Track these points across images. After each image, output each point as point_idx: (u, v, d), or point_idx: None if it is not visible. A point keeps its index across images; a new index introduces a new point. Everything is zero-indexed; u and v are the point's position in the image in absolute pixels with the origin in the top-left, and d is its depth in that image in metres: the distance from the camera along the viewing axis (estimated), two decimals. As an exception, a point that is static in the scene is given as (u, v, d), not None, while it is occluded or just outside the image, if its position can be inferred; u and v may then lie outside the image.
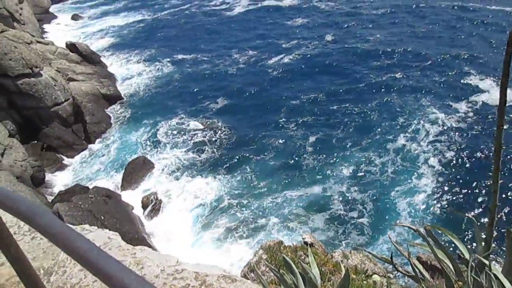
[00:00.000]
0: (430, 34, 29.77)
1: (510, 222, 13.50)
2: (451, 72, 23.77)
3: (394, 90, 22.53)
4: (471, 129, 18.90)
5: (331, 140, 19.07)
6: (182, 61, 29.30)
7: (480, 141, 18.09)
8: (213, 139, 19.85)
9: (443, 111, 20.31)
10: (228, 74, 26.49)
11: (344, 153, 18.13)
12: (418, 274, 3.45)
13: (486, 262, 2.85)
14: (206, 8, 42.24)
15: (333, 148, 18.48)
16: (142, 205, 16.30)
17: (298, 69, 26.13)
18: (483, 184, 15.69)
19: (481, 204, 14.91)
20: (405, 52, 26.83)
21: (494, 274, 2.82)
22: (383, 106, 21.23)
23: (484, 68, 23.82)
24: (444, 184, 16.00)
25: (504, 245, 3.09)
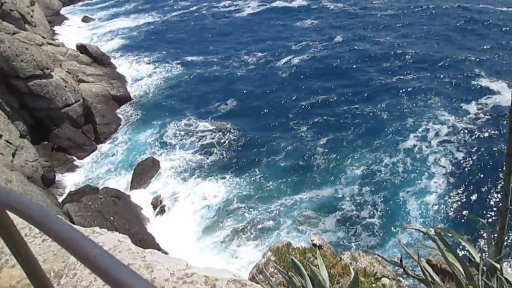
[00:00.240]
0: (440, 35, 29.54)
1: (521, 225, 13.31)
2: (461, 74, 23.55)
3: (404, 91, 22.38)
4: (482, 130, 18.70)
5: (341, 141, 19.00)
6: (192, 62, 29.37)
7: (491, 143, 17.89)
8: (222, 141, 19.86)
9: (454, 112, 20.14)
10: (237, 75, 26.51)
11: (354, 154, 18.05)
12: (428, 277, 3.41)
13: (498, 265, 2.81)
14: (215, 10, 42.34)
15: (343, 149, 18.40)
16: (151, 206, 16.36)
17: (307, 70, 26.07)
18: (495, 186, 15.52)
19: (492, 207, 14.74)
20: (414, 53, 26.65)
21: (506, 278, 2.78)
22: (393, 107, 21.10)
23: (494, 70, 23.58)
24: (455, 186, 15.85)
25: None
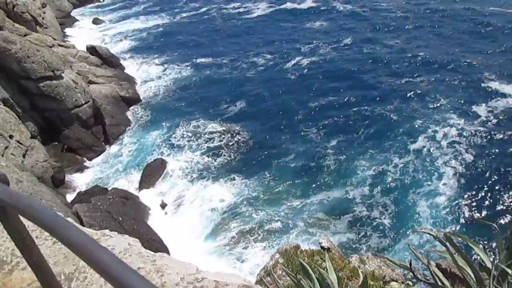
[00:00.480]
0: (449, 37, 29.35)
1: (533, 230, 13.14)
2: (471, 76, 23.38)
3: (413, 93, 22.26)
4: (492, 133, 18.54)
5: (351, 142, 18.96)
6: (201, 64, 29.45)
7: (502, 146, 17.71)
8: (231, 143, 19.87)
9: (463, 114, 20.00)
10: (246, 77, 26.52)
11: (364, 155, 18.01)
12: (438, 281, 3.37)
13: (509, 270, 2.77)
14: (224, 11, 42.42)
15: (353, 151, 18.37)
16: (159, 207, 16.41)
17: (316, 72, 26.02)
18: (506, 190, 15.35)
19: (503, 210, 14.58)
20: (424, 56, 26.50)
21: (517, 284, 2.74)
22: (403, 109, 20.99)
23: (504, 73, 23.39)
24: (465, 188, 15.72)
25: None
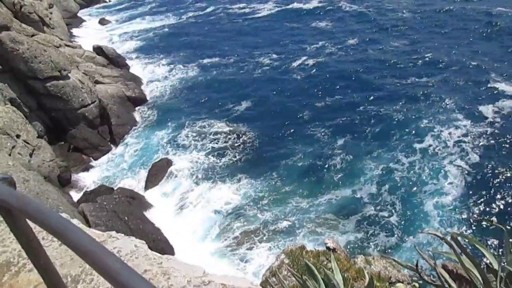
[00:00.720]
0: (456, 39, 29.15)
1: (541, 232, 13.05)
2: (477, 77, 23.23)
3: (420, 93, 22.15)
4: (498, 134, 18.41)
5: (358, 142, 18.91)
6: (207, 64, 29.48)
7: (508, 146, 17.58)
8: (237, 143, 19.87)
9: (470, 115, 19.89)
10: (252, 77, 26.50)
11: (371, 155, 17.98)
12: (444, 283, 3.34)
13: (517, 272, 2.74)
14: (230, 11, 42.46)
15: (360, 151, 18.32)
16: (165, 207, 16.43)
17: (322, 72, 25.96)
18: (512, 191, 15.24)
19: (510, 212, 14.46)
20: (430, 56, 26.37)
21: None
22: (409, 109, 20.91)
23: (511, 74, 23.19)
24: (472, 189, 15.62)
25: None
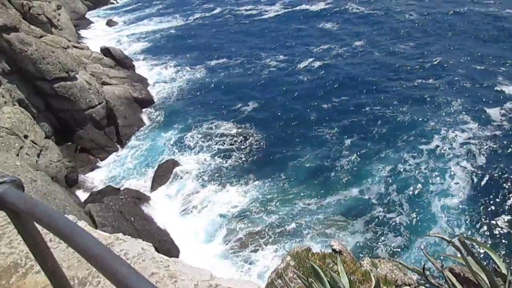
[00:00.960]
0: (463, 42, 28.91)
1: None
2: (484, 80, 23.07)
3: (426, 96, 22.05)
4: (505, 137, 18.30)
5: (365, 143, 18.91)
6: (214, 66, 29.54)
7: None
8: (244, 145, 19.87)
9: (477, 118, 19.78)
10: (259, 79, 26.51)
11: (378, 156, 17.98)
12: (451, 286, 3.30)
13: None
14: (238, 13, 42.53)
15: (367, 152, 18.30)
16: (171, 208, 16.46)
17: (329, 74, 25.91)
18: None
19: (518, 216, 14.34)
20: (436, 59, 26.20)
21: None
22: (415, 111, 20.84)
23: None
24: (479, 191, 15.54)
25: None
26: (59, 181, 16.39)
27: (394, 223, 14.54)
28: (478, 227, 14.07)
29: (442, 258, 11.09)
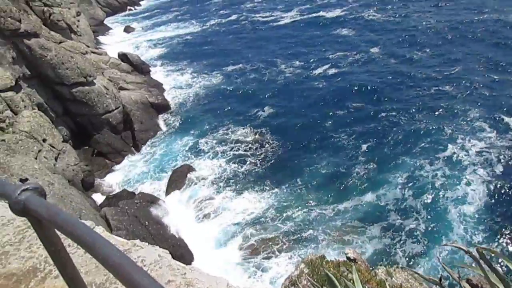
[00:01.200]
0: (481, 50, 28.44)
1: None
2: (503, 90, 22.68)
3: (444, 103, 21.78)
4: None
5: (381, 149, 18.79)
6: (230, 72, 29.69)
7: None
8: (259, 151, 19.86)
9: (495, 126, 19.47)
10: (275, 85, 26.55)
11: (395, 162, 17.82)
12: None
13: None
14: (254, 19, 42.75)
15: (384, 158, 18.18)
16: (185, 213, 16.51)
17: (345, 80, 25.82)
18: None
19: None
20: (453, 67, 25.87)
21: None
22: (432, 118, 20.61)
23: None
24: (497, 200, 15.27)
25: None
26: (75, 184, 16.58)
27: (410, 231, 14.35)
28: (495, 237, 13.80)
29: (459, 268, 10.90)
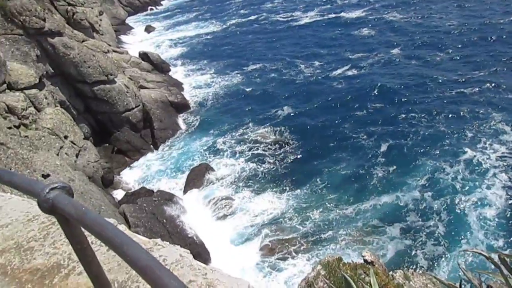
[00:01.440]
0: (506, 54, 27.80)
1: None
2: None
3: (465, 106, 21.38)
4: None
5: (401, 151, 18.59)
6: (250, 71, 29.71)
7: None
8: (278, 151, 19.83)
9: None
10: (294, 85, 26.47)
11: (415, 163, 17.63)
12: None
13: None
14: (273, 20, 42.71)
15: (404, 159, 17.99)
16: (203, 211, 16.60)
17: (365, 81, 25.58)
18: None
19: None
20: (477, 70, 25.28)
21: None
22: (453, 121, 20.28)
23: None
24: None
25: None
26: (95, 181, 16.83)
27: (429, 233, 14.14)
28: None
29: (480, 274, 10.68)
